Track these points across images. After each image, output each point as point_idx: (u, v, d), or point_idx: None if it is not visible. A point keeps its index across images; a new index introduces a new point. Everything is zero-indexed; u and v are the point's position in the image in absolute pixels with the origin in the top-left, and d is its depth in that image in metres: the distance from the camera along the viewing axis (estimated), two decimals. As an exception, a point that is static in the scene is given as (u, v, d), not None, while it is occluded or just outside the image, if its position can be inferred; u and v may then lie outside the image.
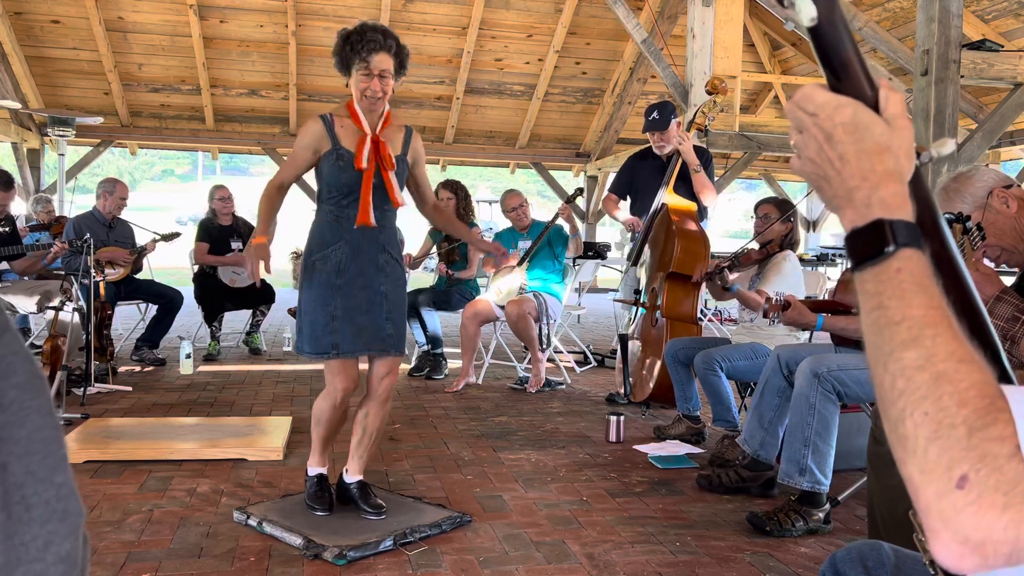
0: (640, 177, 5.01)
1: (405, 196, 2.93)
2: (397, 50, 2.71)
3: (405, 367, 5.88)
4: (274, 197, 2.82)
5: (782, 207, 3.91)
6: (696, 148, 4.80)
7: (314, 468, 2.95)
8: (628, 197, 5.15)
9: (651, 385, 4.53)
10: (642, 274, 4.91)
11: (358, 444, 2.90)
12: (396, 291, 2.84)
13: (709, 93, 4.80)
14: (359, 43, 2.66)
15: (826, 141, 0.70)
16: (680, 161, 4.71)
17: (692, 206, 4.71)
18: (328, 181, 2.76)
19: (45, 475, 0.49)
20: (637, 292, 4.88)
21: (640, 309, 4.80)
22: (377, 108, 2.75)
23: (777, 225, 3.83)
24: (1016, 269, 1.94)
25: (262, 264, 2.68)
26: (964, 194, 1.97)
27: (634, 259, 5.01)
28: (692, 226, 4.59)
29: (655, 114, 4.78)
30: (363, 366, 2.91)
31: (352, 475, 2.91)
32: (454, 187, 5.84)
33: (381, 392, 2.88)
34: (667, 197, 4.70)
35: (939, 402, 0.58)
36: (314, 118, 2.81)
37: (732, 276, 3.70)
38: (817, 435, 2.79)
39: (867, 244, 0.66)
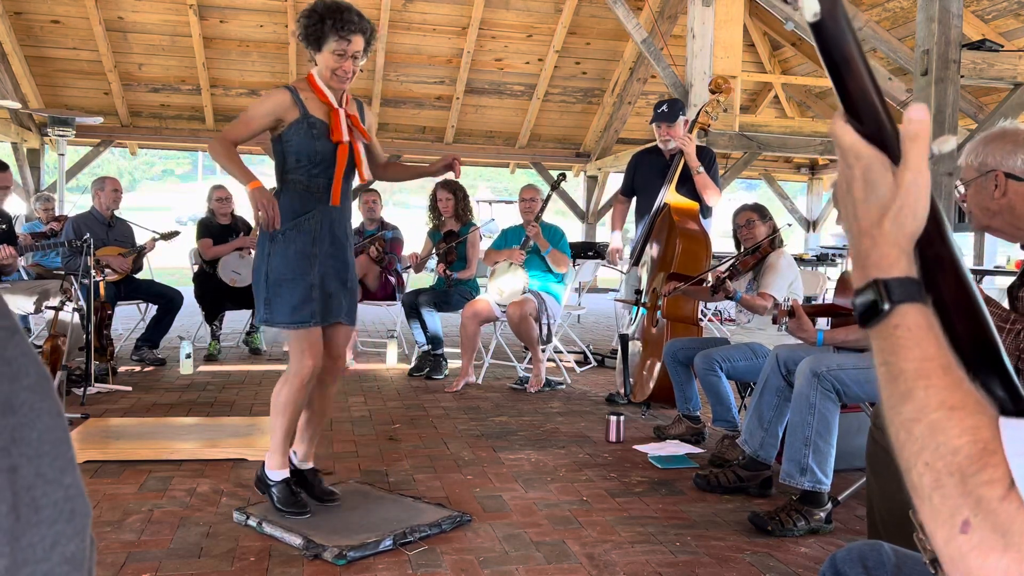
0: (643, 174, 5.02)
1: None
2: (368, 33, 2.73)
3: (405, 367, 5.88)
4: (233, 150, 2.74)
5: (760, 210, 3.95)
6: (699, 148, 4.81)
7: (278, 472, 2.81)
8: (634, 195, 5.15)
9: (651, 385, 4.52)
10: (644, 274, 4.91)
11: (307, 424, 2.92)
12: (352, 262, 2.89)
13: (713, 92, 4.81)
14: (339, 22, 2.65)
15: (847, 191, 0.72)
16: (683, 161, 4.71)
17: (694, 205, 4.71)
18: (298, 151, 2.71)
19: (54, 476, 0.50)
20: (638, 292, 4.88)
21: (641, 309, 4.81)
22: (343, 87, 2.76)
23: (761, 228, 3.86)
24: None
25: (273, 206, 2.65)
26: (985, 151, 1.90)
27: (635, 259, 5.01)
28: (693, 226, 4.59)
29: (664, 107, 4.81)
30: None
31: (303, 460, 2.92)
32: (452, 188, 5.85)
33: (335, 370, 2.93)
34: (669, 196, 4.71)
35: (935, 452, 0.60)
36: (278, 88, 2.78)
37: (732, 285, 3.71)
38: (818, 435, 2.79)
39: (867, 304, 0.69)
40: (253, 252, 6.22)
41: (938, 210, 0.77)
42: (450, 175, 3.10)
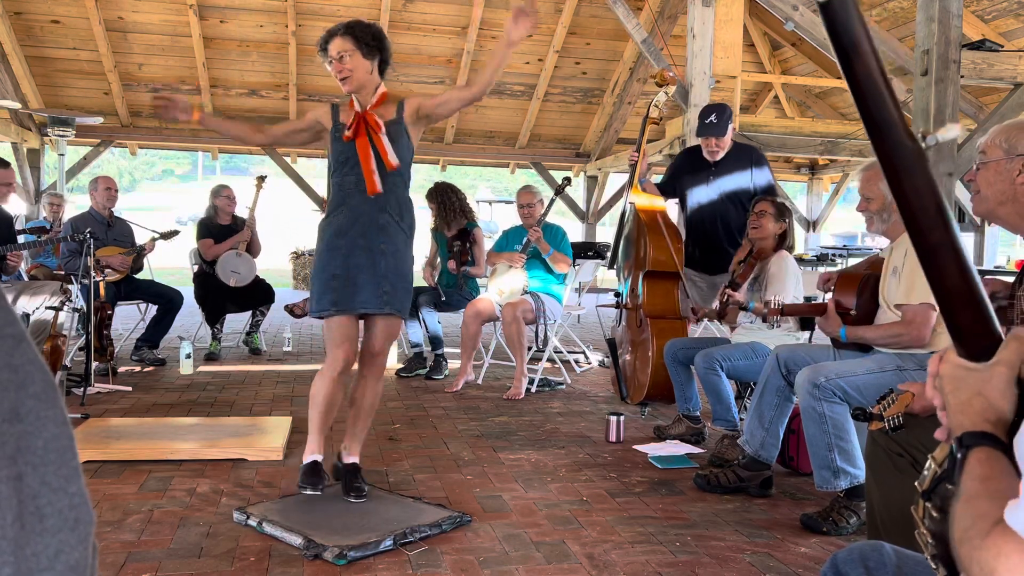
0: (687, 179, 4.65)
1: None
2: (348, 30, 2.90)
3: (396, 366, 5.87)
4: (249, 127, 3.20)
5: (778, 206, 3.85)
6: (745, 147, 4.65)
7: (308, 455, 2.97)
8: (675, 195, 4.80)
9: (646, 385, 4.52)
10: (623, 275, 4.91)
11: (354, 421, 3.04)
12: (397, 251, 2.97)
13: (659, 85, 4.79)
14: (320, 41, 2.97)
15: (941, 394, 0.92)
16: (643, 164, 4.67)
17: (660, 203, 4.65)
18: (332, 154, 3.01)
19: (59, 485, 0.49)
20: (618, 295, 4.90)
21: (624, 311, 4.83)
22: (350, 88, 2.95)
23: (771, 225, 3.79)
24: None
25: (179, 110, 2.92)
26: (1019, 137, 1.90)
27: (609, 262, 5.02)
28: (661, 222, 4.56)
29: (712, 117, 4.39)
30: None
31: (349, 455, 3.04)
32: (434, 195, 5.76)
33: (376, 365, 3.02)
34: (633, 196, 4.68)
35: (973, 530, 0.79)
36: (326, 104, 3.13)
37: (739, 296, 3.65)
38: (837, 438, 2.80)
39: (953, 455, 0.87)
40: (247, 250, 6.19)
41: (940, 197, 0.78)
42: (524, 22, 2.85)
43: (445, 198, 5.79)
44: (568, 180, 5.64)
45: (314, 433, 2.98)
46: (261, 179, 6.41)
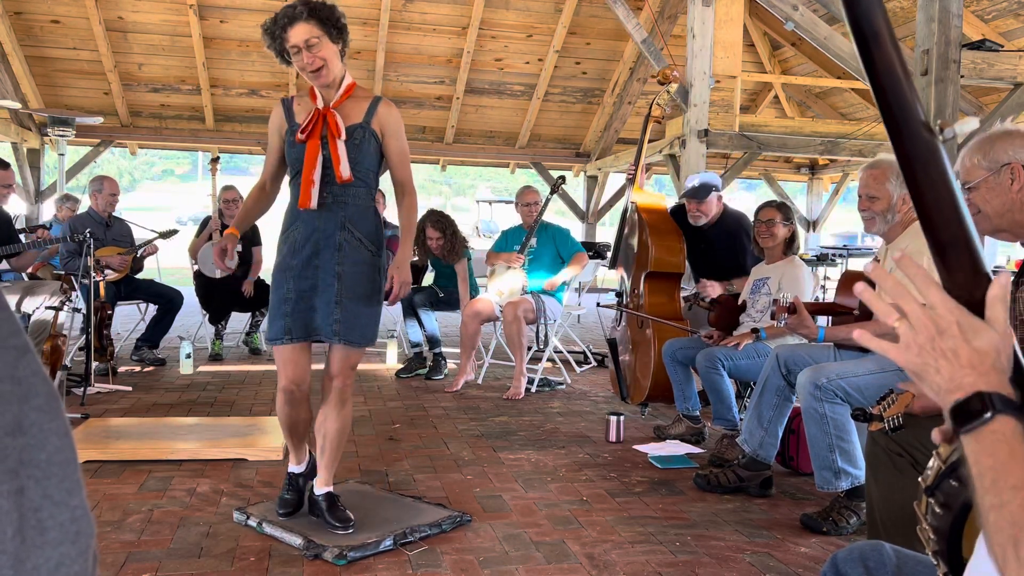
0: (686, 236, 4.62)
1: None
2: (312, 12, 2.49)
3: (397, 366, 5.86)
4: (255, 196, 2.79)
5: (784, 210, 3.93)
6: (731, 215, 4.51)
7: (290, 467, 2.86)
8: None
9: (647, 386, 4.52)
10: (624, 275, 4.91)
11: (320, 453, 2.72)
12: (354, 273, 2.60)
13: (661, 83, 4.78)
14: (273, 27, 2.54)
15: (939, 334, 0.78)
16: (641, 177, 4.69)
17: (662, 202, 4.68)
18: (289, 161, 2.68)
19: (62, 498, 0.49)
20: (619, 295, 4.90)
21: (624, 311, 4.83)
22: (325, 81, 2.58)
23: (782, 229, 3.87)
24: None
25: (226, 253, 2.68)
26: (994, 149, 1.89)
27: (611, 262, 5.01)
28: (664, 223, 4.55)
29: (695, 181, 4.48)
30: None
31: (319, 486, 2.73)
32: (442, 225, 5.56)
33: (334, 392, 2.68)
34: (635, 195, 4.69)
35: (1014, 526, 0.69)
36: (276, 103, 2.76)
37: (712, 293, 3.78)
38: (838, 439, 2.80)
39: (968, 412, 0.76)
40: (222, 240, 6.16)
41: (955, 192, 0.77)
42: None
43: (453, 232, 5.61)
44: (563, 178, 5.65)
45: (289, 447, 2.86)
46: (214, 161, 6.40)
